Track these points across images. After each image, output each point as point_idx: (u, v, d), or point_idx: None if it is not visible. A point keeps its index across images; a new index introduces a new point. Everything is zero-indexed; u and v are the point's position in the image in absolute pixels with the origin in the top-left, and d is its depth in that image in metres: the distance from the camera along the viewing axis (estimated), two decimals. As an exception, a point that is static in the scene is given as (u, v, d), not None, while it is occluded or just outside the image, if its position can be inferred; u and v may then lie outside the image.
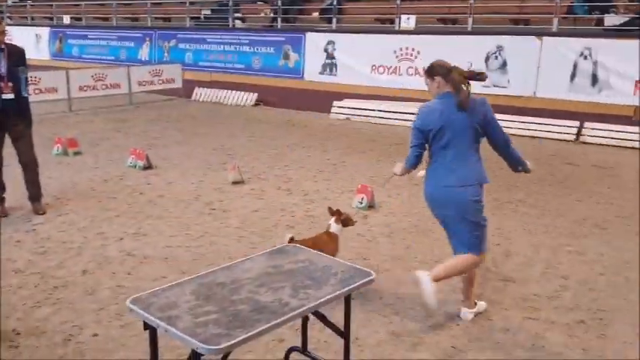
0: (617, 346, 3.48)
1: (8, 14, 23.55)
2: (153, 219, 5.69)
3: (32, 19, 22.02)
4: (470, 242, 3.56)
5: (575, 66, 9.83)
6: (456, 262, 3.61)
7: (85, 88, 12.71)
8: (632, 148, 8.99)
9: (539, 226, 5.58)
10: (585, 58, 9.63)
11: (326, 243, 3.99)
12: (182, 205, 6.16)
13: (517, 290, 4.20)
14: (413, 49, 11.66)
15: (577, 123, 9.71)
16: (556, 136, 9.78)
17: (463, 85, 3.46)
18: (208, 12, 17.29)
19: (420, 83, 11.28)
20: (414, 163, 3.64)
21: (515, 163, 3.74)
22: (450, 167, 3.51)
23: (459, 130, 3.47)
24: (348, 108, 12.00)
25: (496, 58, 10.49)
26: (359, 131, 10.56)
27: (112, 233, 5.29)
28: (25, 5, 23.13)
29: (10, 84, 5.31)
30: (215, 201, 6.29)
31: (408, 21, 11.99)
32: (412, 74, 11.70)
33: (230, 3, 15.79)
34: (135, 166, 7.60)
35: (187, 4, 16.41)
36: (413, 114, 11.90)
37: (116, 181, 7.02)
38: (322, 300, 2.35)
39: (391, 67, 11.99)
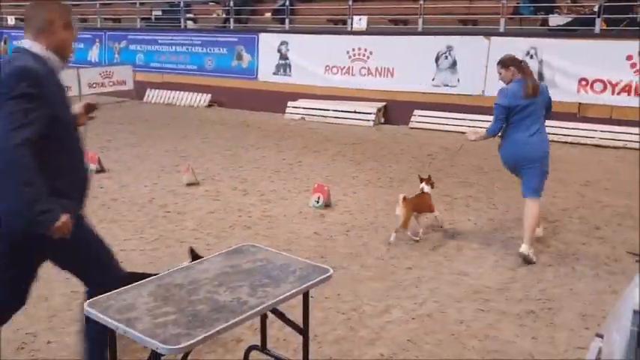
0: (565, 333, 3.65)
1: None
2: (106, 222, 5.59)
3: (-27, 19, 21.15)
4: (540, 187, 4.74)
5: (521, 65, 10.16)
6: (532, 214, 4.68)
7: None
8: (577, 144, 9.37)
9: (489, 220, 5.77)
10: (531, 57, 9.96)
11: (428, 199, 5.27)
12: (136, 208, 6.08)
13: (470, 283, 4.34)
14: (365, 50, 11.80)
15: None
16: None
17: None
18: (159, 13, 17.01)
19: (372, 83, 11.64)
20: (495, 132, 4.78)
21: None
22: (531, 132, 4.64)
23: (537, 106, 4.67)
24: (303, 108, 12.05)
25: (446, 57, 10.73)
26: (314, 131, 10.63)
27: (64, 239, 5.17)
28: (-35, 5, 22.20)
29: None
30: (170, 203, 6.23)
31: (359, 22, 12.13)
32: (365, 74, 11.85)
33: (181, 4, 15.60)
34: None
35: (138, 5, 16.11)
36: (367, 113, 12.05)
37: (67, 186, 6.85)
38: (281, 297, 2.39)
39: (344, 67, 12.11)
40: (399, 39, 11.52)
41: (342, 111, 11.52)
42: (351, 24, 12.26)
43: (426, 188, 5.32)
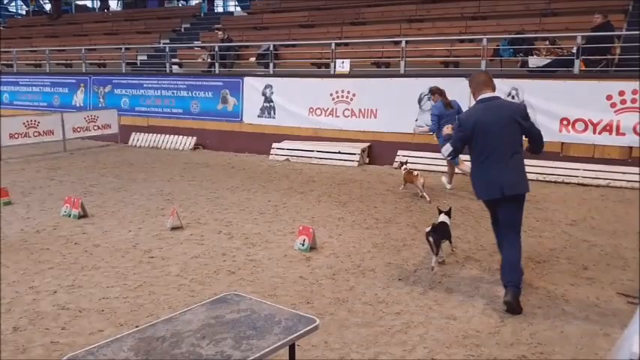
0: (556, 377, 3.58)
1: None
2: (88, 270, 5.46)
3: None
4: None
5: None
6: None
7: (16, 136, 12.24)
8: (561, 182, 9.46)
9: (477, 262, 5.73)
10: (512, 97, 10.14)
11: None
12: (119, 254, 5.96)
13: (459, 327, 4.27)
14: (349, 92, 11.95)
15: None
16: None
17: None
18: (144, 57, 17.18)
19: (355, 124, 11.74)
20: (434, 130, 8.55)
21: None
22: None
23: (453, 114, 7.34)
24: (288, 149, 12.09)
25: (429, 99, 10.88)
26: (299, 172, 10.63)
27: (44, 287, 5.04)
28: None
29: None
30: (154, 248, 6.12)
31: (342, 65, 12.32)
32: (348, 116, 11.97)
33: (167, 49, 15.76)
34: (69, 215, 7.32)
35: (123, 50, 16.25)
36: (352, 154, 12.09)
37: (49, 232, 6.73)
38: (266, 350, 2.32)
39: (328, 109, 12.22)
40: (381, 81, 11.69)
41: (326, 152, 11.58)
42: (334, 67, 12.44)
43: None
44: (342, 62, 12.31)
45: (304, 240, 6.00)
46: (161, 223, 7.03)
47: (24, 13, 27.36)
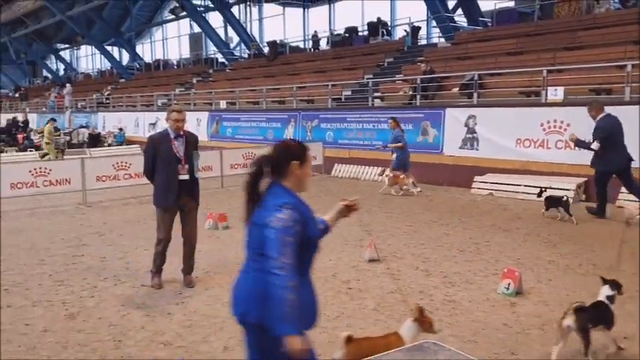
0: None
1: (175, 101, 26.49)
2: (291, 297, 5.70)
3: (194, 104, 24.50)
4: None
5: None
6: None
7: (235, 166, 13.66)
8: None
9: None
10: None
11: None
12: (320, 282, 6.11)
13: None
14: (562, 122, 11.02)
15: None
16: None
17: None
18: (349, 93, 17.99)
19: (570, 156, 10.70)
20: None
21: None
22: None
23: None
24: (491, 183, 11.51)
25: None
26: (504, 208, 10.01)
27: (251, 310, 5.37)
28: (190, 93, 25.88)
29: (187, 166, 5.89)
30: (352, 280, 6.19)
31: (555, 92, 11.43)
32: (561, 147, 11.01)
33: (370, 83, 16.30)
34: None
35: (329, 87, 17.21)
36: (565, 189, 11.11)
37: (258, 257, 7.22)
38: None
39: (538, 140, 11.39)
40: (601, 110, 10.55)
41: (535, 187, 10.74)
42: (546, 95, 11.60)
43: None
44: (555, 90, 11.44)
45: (509, 283, 5.55)
46: (359, 254, 7.12)
47: (246, 56, 30.65)
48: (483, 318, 5.03)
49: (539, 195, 9.50)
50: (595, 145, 8.59)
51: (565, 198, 8.98)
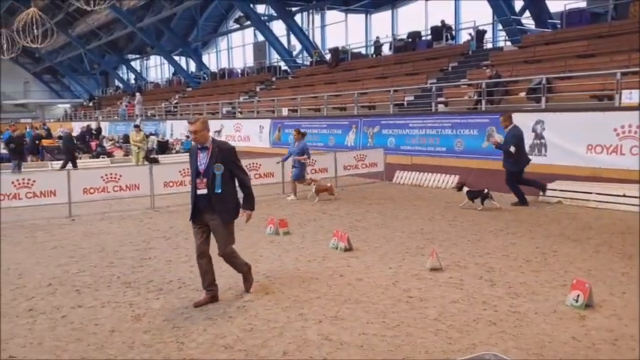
0: None
1: (239, 109, 27.11)
2: (350, 303, 5.68)
3: (258, 112, 24.96)
4: None
5: None
6: None
7: (295, 172, 13.77)
8: None
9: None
10: None
11: None
12: (379, 290, 6.08)
13: None
14: (637, 126, 10.46)
15: None
16: None
17: None
18: (411, 98, 17.81)
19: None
20: None
21: None
22: None
23: None
24: (560, 190, 11.06)
25: None
26: (573, 216, 9.60)
27: (311, 315, 5.38)
28: (253, 101, 26.41)
29: (205, 180, 5.55)
30: (413, 288, 6.09)
31: (630, 96, 10.88)
32: (637, 153, 10.45)
33: (433, 88, 16.06)
34: (337, 248, 7.81)
35: (392, 92, 17.08)
36: (637, 197, 10.57)
37: (319, 262, 7.25)
38: None
39: (611, 145, 10.87)
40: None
41: (607, 194, 10.24)
42: (620, 99, 11.06)
43: None
44: (630, 93, 10.88)
45: (578, 295, 5.30)
46: (421, 262, 7.00)
47: (308, 63, 30.93)
48: (550, 331, 4.82)
49: (460, 189, 11.10)
50: (512, 149, 10.58)
51: (485, 191, 10.63)
